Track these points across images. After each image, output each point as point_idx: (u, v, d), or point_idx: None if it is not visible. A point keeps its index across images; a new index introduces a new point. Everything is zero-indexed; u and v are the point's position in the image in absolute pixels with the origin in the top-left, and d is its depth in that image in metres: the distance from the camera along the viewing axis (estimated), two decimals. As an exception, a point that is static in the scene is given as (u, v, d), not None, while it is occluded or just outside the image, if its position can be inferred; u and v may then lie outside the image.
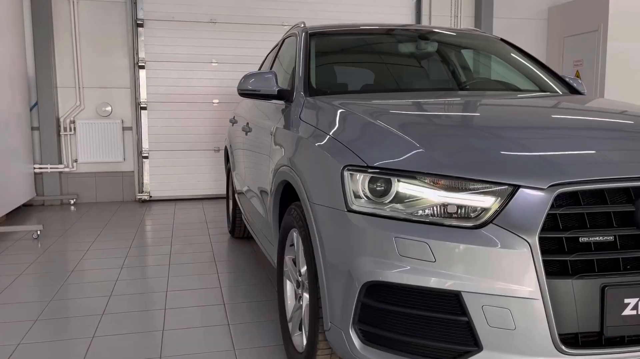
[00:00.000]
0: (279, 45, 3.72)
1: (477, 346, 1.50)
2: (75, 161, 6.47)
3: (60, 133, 6.39)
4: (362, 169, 1.70)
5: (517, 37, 7.82)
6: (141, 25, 6.48)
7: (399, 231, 1.56)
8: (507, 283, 1.46)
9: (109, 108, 6.52)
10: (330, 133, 1.99)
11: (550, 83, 3.05)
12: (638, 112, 2.19)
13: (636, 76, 6.94)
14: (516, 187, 1.50)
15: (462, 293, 1.49)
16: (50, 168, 6.31)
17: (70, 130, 6.43)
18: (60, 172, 6.42)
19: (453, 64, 3.21)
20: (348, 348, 1.68)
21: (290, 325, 2.30)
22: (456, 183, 1.57)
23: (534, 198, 1.48)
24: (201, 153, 6.76)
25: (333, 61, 3.10)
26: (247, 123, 3.49)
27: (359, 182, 1.69)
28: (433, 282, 1.51)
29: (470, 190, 1.55)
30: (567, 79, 3.11)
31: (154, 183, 6.72)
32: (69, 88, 6.41)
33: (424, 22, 7.46)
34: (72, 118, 6.42)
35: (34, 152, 6.26)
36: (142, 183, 6.68)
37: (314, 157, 1.99)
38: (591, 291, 1.45)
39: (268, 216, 2.70)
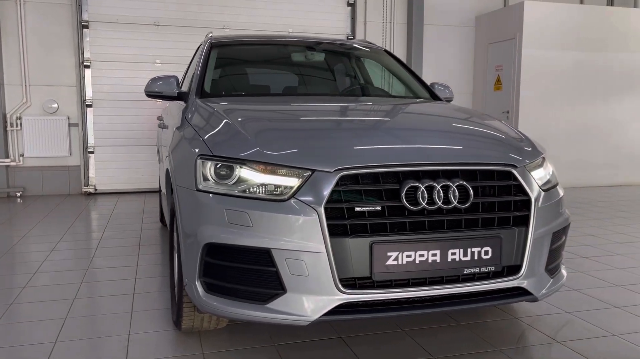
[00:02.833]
0: (196, 51, 4.16)
1: (283, 289, 1.99)
2: (22, 155, 6.78)
3: (7, 129, 6.69)
4: (209, 158, 2.17)
5: (448, 43, 8.45)
6: (86, 27, 6.83)
7: (229, 205, 2.05)
8: (302, 241, 1.96)
9: (55, 105, 6.85)
10: (198, 130, 2.46)
11: (422, 89, 3.58)
12: (455, 116, 2.72)
13: (544, 80, 7.63)
14: (313, 171, 2.00)
15: (272, 250, 1.98)
16: (-3, 162, 6.62)
17: (17, 125, 6.73)
18: (7, 166, 6.72)
19: (336, 72, 3.72)
20: (196, 296, 2.16)
21: (176, 290, 2.76)
22: (274, 169, 2.06)
23: (323, 179, 1.98)
24: (144, 149, 7.14)
25: (231, 68, 3.57)
26: (163, 121, 3.94)
27: (207, 168, 2.16)
28: (251, 242, 1.99)
29: (283, 174, 2.05)
30: (436, 87, 3.63)
31: (99, 177, 7.08)
32: (16, 86, 6.71)
33: (359, 27, 7.97)
34: (18, 115, 6.72)
35: (-20, 146, 6.55)
36: (88, 177, 7.04)
37: (183, 149, 2.46)
38: (363, 246, 1.96)
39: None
